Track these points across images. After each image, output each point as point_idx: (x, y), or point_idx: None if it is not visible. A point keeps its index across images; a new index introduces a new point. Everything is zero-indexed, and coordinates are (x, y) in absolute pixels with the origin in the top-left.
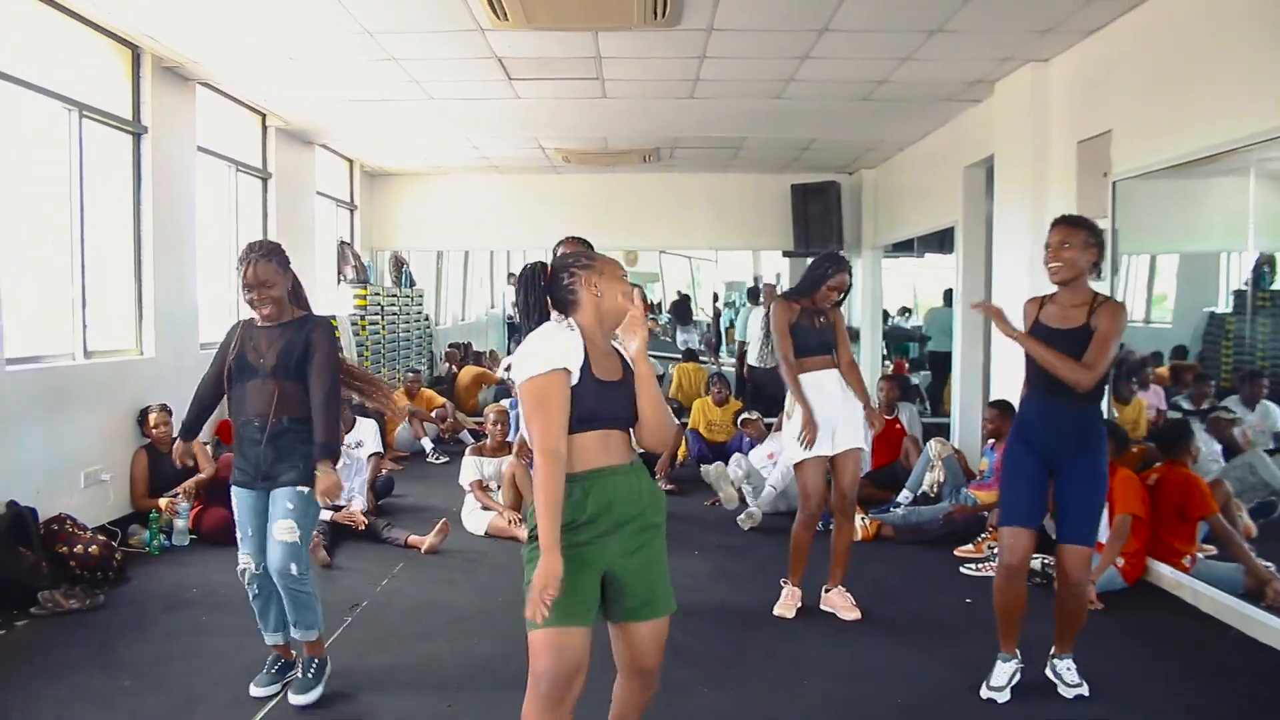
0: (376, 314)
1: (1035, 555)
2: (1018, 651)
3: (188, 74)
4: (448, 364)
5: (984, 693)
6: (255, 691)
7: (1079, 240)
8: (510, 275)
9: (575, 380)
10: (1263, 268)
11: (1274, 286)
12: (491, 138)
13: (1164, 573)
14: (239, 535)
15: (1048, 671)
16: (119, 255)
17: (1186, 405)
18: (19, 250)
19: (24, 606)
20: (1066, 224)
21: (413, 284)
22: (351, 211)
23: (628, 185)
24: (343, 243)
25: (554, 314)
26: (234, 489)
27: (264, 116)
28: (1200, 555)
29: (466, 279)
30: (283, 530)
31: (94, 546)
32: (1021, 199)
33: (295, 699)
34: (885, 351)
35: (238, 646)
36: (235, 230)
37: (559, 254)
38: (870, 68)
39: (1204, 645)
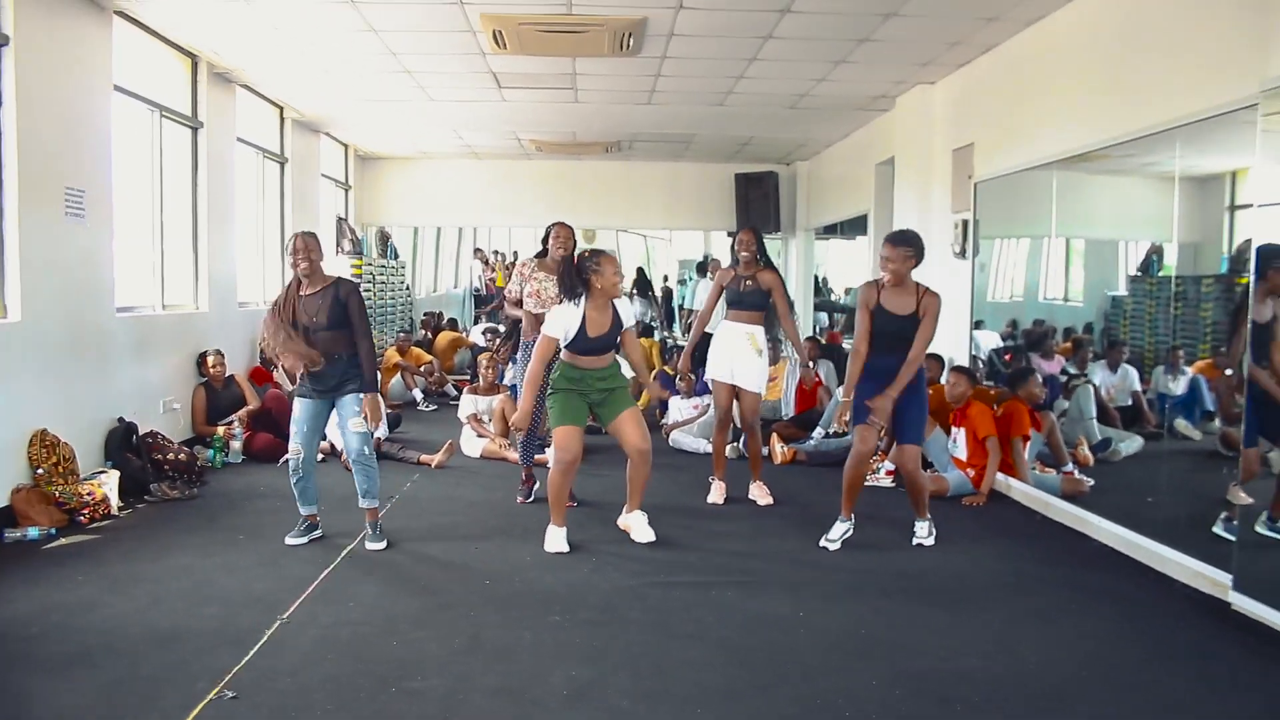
0: (369, 282)
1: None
2: (852, 516)
3: (233, 78)
4: (424, 330)
5: (821, 542)
6: (290, 541)
7: (900, 255)
8: (477, 249)
9: (574, 335)
10: (1152, 257)
11: (1161, 274)
12: (475, 130)
13: (1000, 478)
14: (295, 430)
15: None
16: (181, 228)
17: (1073, 370)
18: (124, 223)
19: (138, 495)
20: (891, 243)
21: (397, 256)
22: (346, 190)
23: (591, 171)
24: (340, 218)
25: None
26: (300, 400)
27: (282, 110)
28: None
29: (439, 254)
30: (356, 424)
31: (182, 454)
32: (913, 193)
33: (371, 546)
34: (828, 321)
35: None
36: (261, 207)
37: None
38: (793, 85)
39: (1015, 521)
